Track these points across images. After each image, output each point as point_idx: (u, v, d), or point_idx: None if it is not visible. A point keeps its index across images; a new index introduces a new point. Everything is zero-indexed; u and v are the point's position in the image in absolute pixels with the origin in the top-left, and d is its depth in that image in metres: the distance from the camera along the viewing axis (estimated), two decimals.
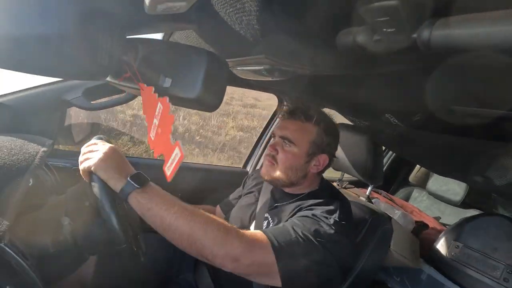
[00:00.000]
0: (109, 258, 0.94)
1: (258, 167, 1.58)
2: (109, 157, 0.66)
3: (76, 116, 1.13)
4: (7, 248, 0.52)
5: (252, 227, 0.93)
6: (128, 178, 0.64)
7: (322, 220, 0.75)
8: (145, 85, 0.47)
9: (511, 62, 0.35)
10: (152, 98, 0.48)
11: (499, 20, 0.30)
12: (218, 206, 1.17)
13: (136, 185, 0.63)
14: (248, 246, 0.65)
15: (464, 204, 1.94)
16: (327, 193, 0.92)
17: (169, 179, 0.51)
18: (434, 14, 0.35)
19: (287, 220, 0.80)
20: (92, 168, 0.65)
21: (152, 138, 0.53)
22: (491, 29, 0.30)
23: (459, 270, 1.22)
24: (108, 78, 0.52)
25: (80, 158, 0.69)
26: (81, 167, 0.68)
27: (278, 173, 0.88)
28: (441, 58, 0.47)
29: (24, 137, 0.71)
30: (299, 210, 0.83)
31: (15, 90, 0.93)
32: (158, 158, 0.67)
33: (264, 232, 0.70)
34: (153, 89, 0.45)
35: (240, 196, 1.12)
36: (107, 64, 0.39)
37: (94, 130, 1.16)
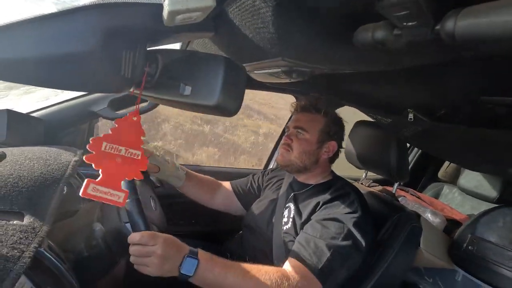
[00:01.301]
0: None
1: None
2: (165, 258, 0.67)
3: (103, 126, 1.18)
4: (46, 253, 0.56)
5: (273, 219, 0.99)
6: (181, 271, 0.68)
7: (347, 220, 0.83)
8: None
9: None
10: (136, 132, 0.55)
11: None
12: (229, 182, 1.21)
13: (188, 274, 0.68)
14: None
15: (501, 200, 1.81)
16: (340, 183, 0.99)
17: (82, 194, 0.53)
18: (458, 3, 0.33)
19: (309, 217, 0.89)
20: (151, 274, 0.67)
21: (102, 148, 0.54)
22: None
23: (478, 264, 1.21)
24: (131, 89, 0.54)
25: (133, 259, 0.68)
26: (136, 267, 0.68)
27: (293, 158, 0.98)
28: (466, 48, 0.44)
29: (57, 148, 0.75)
30: (321, 206, 0.90)
31: (47, 105, 1.00)
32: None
33: (302, 263, 0.77)
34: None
35: (255, 188, 1.18)
36: (130, 76, 0.41)
37: None
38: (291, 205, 0.97)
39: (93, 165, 0.54)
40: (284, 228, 0.93)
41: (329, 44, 0.47)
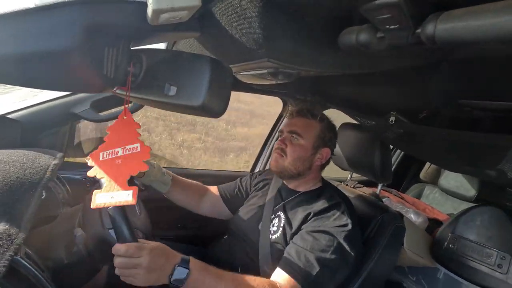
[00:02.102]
0: None
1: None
2: (152, 268, 0.65)
3: (85, 128, 1.14)
4: (23, 261, 0.53)
5: (260, 225, 0.97)
6: (171, 281, 0.67)
7: (337, 234, 0.84)
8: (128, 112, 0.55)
9: None
10: (130, 128, 0.56)
11: (503, 11, 0.29)
12: (217, 187, 1.19)
13: (178, 284, 0.67)
14: None
15: (478, 199, 1.89)
16: (330, 191, 0.99)
17: (92, 206, 0.56)
18: (437, 8, 0.34)
19: (299, 227, 0.89)
20: (137, 285, 0.66)
21: (100, 158, 0.55)
22: (496, 21, 0.30)
23: (459, 262, 1.26)
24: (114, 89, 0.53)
25: (118, 270, 0.65)
26: (122, 278, 0.66)
27: (287, 164, 0.97)
28: (446, 52, 0.46)
29: (35, 151, 0.72)
30: (312, 216, 0.89)
31: (24, 106, 0.96)
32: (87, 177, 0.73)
33: (292, 276, 0.78)
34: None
35: (242, 192, 1.16)
36: (113, 76, 0.40)
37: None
38: (281, 214, 0.96)
39: (96, 176, 0.57)
40: (273, 237, 0.92)
41: (315, 46, 0.48)
